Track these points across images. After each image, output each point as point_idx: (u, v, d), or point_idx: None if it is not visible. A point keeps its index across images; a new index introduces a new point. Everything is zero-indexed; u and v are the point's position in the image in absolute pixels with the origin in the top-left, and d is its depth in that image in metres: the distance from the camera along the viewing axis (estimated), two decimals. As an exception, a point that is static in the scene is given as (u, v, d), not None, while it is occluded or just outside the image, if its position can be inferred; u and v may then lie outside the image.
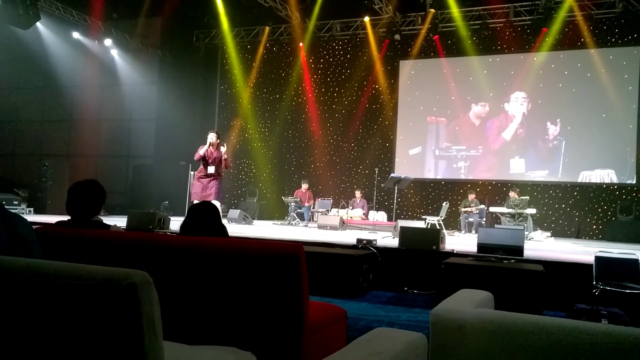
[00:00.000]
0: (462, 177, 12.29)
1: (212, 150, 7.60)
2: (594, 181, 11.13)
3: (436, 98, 12.61)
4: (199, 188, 7.57)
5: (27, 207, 11.26)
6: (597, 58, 11.23)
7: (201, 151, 7.58)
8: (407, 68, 12.99)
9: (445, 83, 12.51)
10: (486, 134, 12.18)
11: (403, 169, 12.45)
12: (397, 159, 12.88)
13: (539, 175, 11.62)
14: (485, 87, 12.12)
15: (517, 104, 11.91)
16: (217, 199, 7.59)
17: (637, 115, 10.87)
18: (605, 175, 11.02)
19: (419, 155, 12.78)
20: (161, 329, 1.18)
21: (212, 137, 7.60)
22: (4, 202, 1.92)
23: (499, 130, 12.05)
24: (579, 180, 11.26)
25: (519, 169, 11.84)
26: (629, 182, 10.88)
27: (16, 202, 11.06)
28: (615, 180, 10.94)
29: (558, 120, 11.54)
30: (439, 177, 12.58)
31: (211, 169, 7.57)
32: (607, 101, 11.06)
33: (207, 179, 7.59)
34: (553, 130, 11.57)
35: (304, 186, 12.30)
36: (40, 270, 1.19)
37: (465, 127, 12.40)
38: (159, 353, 1.16)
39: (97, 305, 1.13)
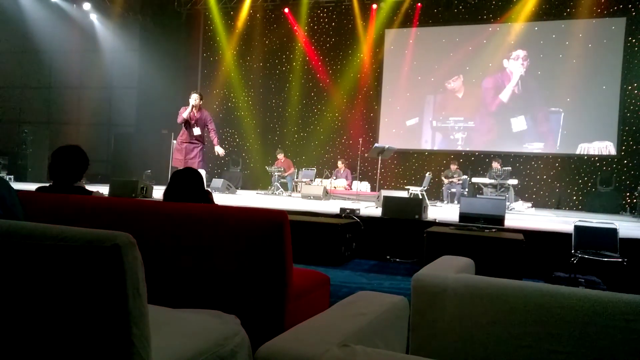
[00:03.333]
0: (460, 148, 12.28)
1: (195, 112, 7.43)
2: (593, 153, 11.17)
3: (434, 68, 12.47)
4: (181, 154, 7.41)
5: (7, 175, 11.08)
6: (583, 28, 11.23)
7: (184, 114, 7.34)
8: (397, 37, 12.83)
9: (438, 53, 12.37)
10: (482, 95, 12.12)
11: (400, 140, 12.38)
12: (393, 130, 12.80)
13: (537, 147, 11.63)
14: (483, 57, 12.01)
15: (518, 64, 11.83)
16: (202, 167, 7.49)
17: (619, 87, 10.96)
18: (603, 148, 11.10)
19: (416, 127, 12.73)
20: (145, 291, 1.18)
21: (194, 98, 7.35)
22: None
23: (495, 91, 12.00)
24: (577, 152, 11.28)
25: (520, 126, 11.81)
26: (610, 153, 11.03)
27: (-5, 169, 10.90)
28: (613, 152, 11.01)
29: (557, 92, 11.51)
30: (435, 148, 12.57)
31: (197, 131, 7.40)
32: (607, 73, 11.06)
33: (190, 145, 7.43)
34: (551, 102, 11.55)
35: (280, 156, 12.24)
36: (22, 231, 1.18)
37: (453, 99, 12.39)
38: (144, 314, 1.16)
39: (80, 266, 1.13)
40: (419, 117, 12.68)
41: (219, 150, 7.80)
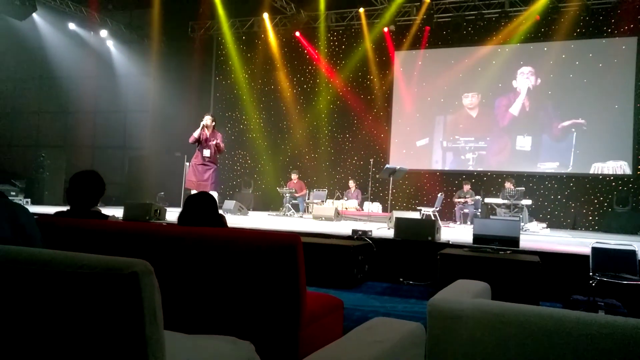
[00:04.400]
0: (471, 168, 12.24)
1: (207, 133, 7.52)
2: (607, 173, 11.05)
3: (444, 89, 12.51)
4: (195, 175, 7.49)
5: (25, 197, 11.23)
6: (594, 48, 11.24)
7: (195, 133, 7.47)
8: (406, 59, 12.93)
9: (448, 74, 12.41)
10: (494, 114, 12.09)
11: (411, 160, 12.39)
12: (404, 150, 12.81)
13: (550, 167, 11.54)
14: (493, 77, 12.04)
15: (523, 78, 11.82)
16: (214, 189, 7.54)
17: (633, 106, 10.90)
18: (618, 167, 10.99)
19: (427, 147, 12.73)
20: (162, 317, 1.18)
21: (206, 119, 7.50)
22: (3, 192, 1.93)
23: (506, 107, 11.97)
24: (591, 172, 11.17)
25: (525, 145, 11.76)
26: (625, 172, 10.90)
27: (13, 193, 11.06)
28: (628, 172, 10.88)
29: (568, 111, 11.46)
30: (446, 168, 12.53)
31: (206, 152, 7.49)
32: (619, 92, 11.02)
33: (203, 167, 7.51)
34: (563, 121, 11.51)
35: (294, 177, 12.31)
36: (42, 259, 1.20)
37: (464, 119, 12.39)
38: (160, 342, 1.16)
39: (98, 294, 1.14)
40: (429, 138, 12.69)
41: (206, 152, 7.60)
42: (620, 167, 10.96)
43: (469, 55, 12.24)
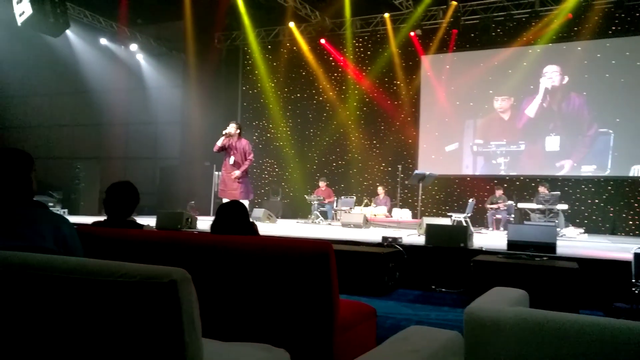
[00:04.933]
0: (503, 173, 12.03)
1: (234, 141, 7.50)
2: None
3: (473, 93, 12.37)
4: (225, 184, 7.52)
5: (62, 208, 11.53)
6: (630, 46, 10.91)
7: (218, 142, 7.47)
8: (434, 63, 12.84)
9: (477, 77, 12.26)
10: (525, 114, 11.83)
11: (440, 166, 12.25)
12: (432, 156, 12.69)
13: (586, 170, 11.25)
14: (523, 79, 11.84)
15: (556, 78, 11.57)
16: (244, 197, 7.50)
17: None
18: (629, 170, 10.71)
19: (456, 152, 12.59)
20: (200, 325, 1.20)
21: (230, 127, 7.45)
22: (46, 204, 1.99)
23: (538, 109, 11.73)
24: (630, 174, 10.83)
25: (553, 146, 11.53)
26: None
27: (51, 204, 11.32)
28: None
29: (605, 112, 11.16)
30: (477, 173, 12.36)
31: (231, 160, 7.49)
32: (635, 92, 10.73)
33: (230, 176, 7.49)
34: (599, 122, 11.22)
35: (322, 184, 12.32)
36: (83, 268, 1.22)
37: (495, 123, 12.21)
38: (199, 349, 1.18)
39: (138, 302, 1.16)
40: (459, 142, 12.54)
41: (231, 160, 7.58)
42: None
43: (498, 57, 12.05)
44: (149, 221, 6.76)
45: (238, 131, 7.57)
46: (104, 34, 13.65)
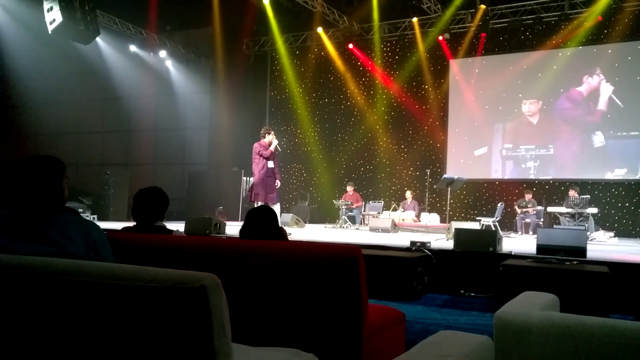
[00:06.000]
0: (532, 177, 11.85)
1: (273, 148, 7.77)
2: None
3: (502, 96, 12.23)
4: (263, 189, 7.63)
5: (91, 214, 11.75)
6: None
7: (272, 147, 7.71)
8: (462, 67, 12.72)
9: (506, 80, 12.10)
10: (555, 117, 11.61)
11: (468, 170, 12.12)
12: (461, 160, 12.58)
13: (617, 174, 11.01)
14: (553, 82, 11.63)
15: (586, 81, 11.34)
16: (278, 201, 7.75)
17: None
18: None
19: (485, 156, 12.44)
20: (230, 331, 1.21)
21: (273, 135, 7.76)
22: (77, 210, 2.04)
23: (568, 112, 11.48)
24: None
25: (590, 151, 11.31)
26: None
27: (81, 210, 11.55)
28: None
29: (636, 115, 10.89)
30: (506, 177, 12.20)
31: (270, 164, 7.70)
32: None
33: (270, 179, 7.69)
34: (630, 125, 10.98)
35: (350, 189, 12.30)
36: (113, 274, 1.24)
37: (524, 126, 12.02)
38: (229, 354, 1.18)
39: (168, 307, 1.17)
40: (488, 147, 12.36)
41: (271, 164, 7.88)
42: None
43: (527, 60, 11.87)
44: (177, 227, 6.86)
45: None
46: (133, 41, 13.93)
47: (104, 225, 8.68)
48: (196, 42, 14.46)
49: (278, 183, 7.88)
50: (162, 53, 14.15)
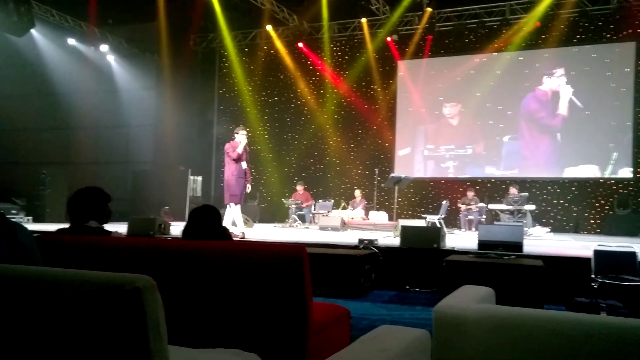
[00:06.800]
0: (451, 176, 12.40)
1: (246, 147, 7.69)
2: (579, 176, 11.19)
3: (442, 97, 12.61)
4: (238, 189, 7.52)
5: (26, 215, 11.19)
6: (593, 53, 11.29)
7: (239, 149, 7.56)
8: (410, 68, 13.00)
9: (450, 82, 12.48)
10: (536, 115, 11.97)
11: (417, 169, 12.61)
12: (412, 160, 12.93)
13: (553, 172, 11.59)
14: (497, 84, 12.09)
15: (560, 81, 11.75)
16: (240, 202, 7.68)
17: (632, 110, 10.90)
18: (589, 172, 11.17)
19: (408, 156, 12.88)
20: (166, 333, 1.18)
21: (245, 134, 7.65)
22: (2, 212, 1.92)
23: (541, 106, 11.86)
24: (580, 175, 11.28)
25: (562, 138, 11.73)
26: (626, 176, 10.90)
27: (14, 211, 11.00)
28: (629, 175, 10.92)
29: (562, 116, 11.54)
30: (427, 176, 12.67)
31: (244, 165, 7.63)
32: (601, 97, 11.13)
33: (243, 179, 7.59)
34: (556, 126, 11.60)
35: (300, 187, 12.32)
36: (42, 277, 1.19)
37: (444, 127, 12.56)
38: (165, 357, 1.16)
39: (101, 310, 1.13)
40: (411, 147, 12.84)
41: (244, 165, 7.81)
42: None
43: (472, 62, 12.29)
44: (120, 228, 6.65)
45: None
46: (71, 34, 13.24)
47: (39, 227, 8.31)
48: (140, 37, 14.01)
49: (248, 187, 7.84)
50: (104, 47, 13.57)
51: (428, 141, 12.72)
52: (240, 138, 7.60)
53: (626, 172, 10.93)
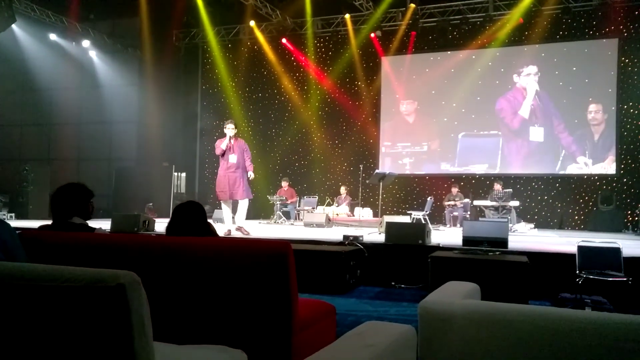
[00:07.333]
0: (408, 172, 12.57)
1: (232, 141, 7.45)
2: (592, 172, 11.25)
3: (431, 93, 12.65)
4: (226, 185, 7.32)
5: (8, 212, 11.06)
6: (576, 50, 11.42)
7: (222, 145, 7.36)
8: (393, 64, 13.02)
9: (435, 78, 12.52)
10: (500, 115, 12.07)
11: (403, 165, 12.76)
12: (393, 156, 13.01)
13: (537, 168, 11.67)
14: (480, 80, 12.16)
15: (529, 79, 11.86)
16: (247, 196, 7.47)
17: (615, 106, 11.05)
18: (601, 167, 11.24)
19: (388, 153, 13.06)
20: (151, 329, 1.17)
21: (231, 128, 7.42)
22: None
23: (513, 109, 11.97)
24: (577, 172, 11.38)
25: (537, 137, 11.81)
26: (610, 172, 11.05)
27: (-4, 208, 10.88)
28: (612, 171, 11.05)
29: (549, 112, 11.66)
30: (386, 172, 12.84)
31: (233, 158, 7.38)
32: (584, 93, 11.28)
33: (233, 174, 7.35)
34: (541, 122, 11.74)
35: (284, 184, 12.29)
36: (25, 273, 1.18)
37: (401, 124, 12.75)
38: (150, 354, 1.15)
39: (85, 307, 1.12)
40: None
41: (251, 175, 7.68)
42: (604, 167, 11.11)
43: (455, 58, 12.35)
44: (104, 225, 6.58)
45: (235, 130, 7.56)
46: (53, 30, 13.07)
47: (22, 224, 8.20)
48: (122, 32, 13.87)
49: (251, 175, 7.57)
50: (86, 43, 13.40)
51: (385, 138, 13.00)
52: (227, 132, 7.47)
53: (610, 169, 11.06)
